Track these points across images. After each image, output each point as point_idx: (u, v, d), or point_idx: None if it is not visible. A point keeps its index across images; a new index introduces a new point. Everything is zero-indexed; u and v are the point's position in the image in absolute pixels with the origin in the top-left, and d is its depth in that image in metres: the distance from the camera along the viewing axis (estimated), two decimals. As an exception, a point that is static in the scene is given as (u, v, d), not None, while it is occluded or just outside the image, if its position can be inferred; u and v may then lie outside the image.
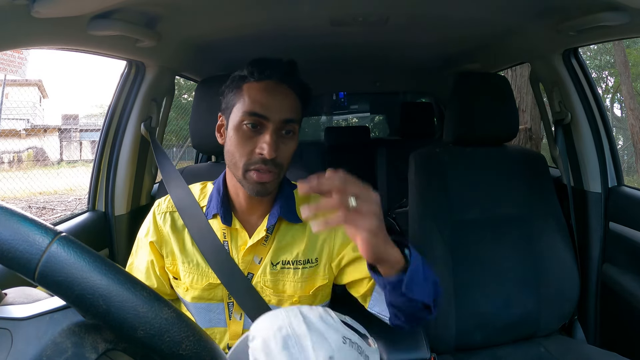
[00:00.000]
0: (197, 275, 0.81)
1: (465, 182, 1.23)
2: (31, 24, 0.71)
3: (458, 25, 1.26)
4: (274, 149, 0.72)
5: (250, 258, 0.81)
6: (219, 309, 0.83)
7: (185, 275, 0.81)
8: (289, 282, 0.82)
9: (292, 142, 0.76)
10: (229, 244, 0.82)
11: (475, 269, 1.17)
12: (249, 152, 0.73)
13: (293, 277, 0.81)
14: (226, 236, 0.82)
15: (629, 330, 1.17)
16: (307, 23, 1.22)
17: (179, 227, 0.83)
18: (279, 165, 0.75)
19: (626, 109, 6.68)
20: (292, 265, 0.81)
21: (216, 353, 0.39)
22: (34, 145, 8.49)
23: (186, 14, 1.02)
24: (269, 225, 0.80)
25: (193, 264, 0.81)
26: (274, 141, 0.72)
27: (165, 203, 0.86)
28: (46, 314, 0.38)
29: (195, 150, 2.03)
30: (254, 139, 0.73)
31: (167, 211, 0.85)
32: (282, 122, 0.74)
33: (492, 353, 1.13)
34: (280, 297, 0.82)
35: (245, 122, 0.73)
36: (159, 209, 0.85)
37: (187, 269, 0.81)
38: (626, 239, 1.21)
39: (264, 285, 0.81)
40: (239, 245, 0.82)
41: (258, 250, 0.81)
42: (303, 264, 0.82)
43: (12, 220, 0.35)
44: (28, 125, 8.98)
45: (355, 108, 3.68)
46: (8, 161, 7.89)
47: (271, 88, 0.75)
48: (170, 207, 0.85)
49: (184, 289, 0.82)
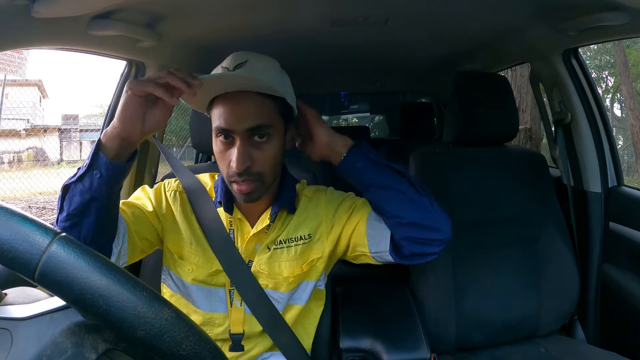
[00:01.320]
0: (203, 259, 0.82)
1: (465, 182, 1.23)
2: (31, 24, 0.71)
3: (458, 25, 1.26)
4: (243, 161, 0.71)
5: (252, 246, 0.83)
6: (221, 294, 0.83)
7: (191, 256, 0.82)
8: (284, 262, 0.83)
9: (269, 147, 0.74)
10: (234, 233, 0.83)
11: (475, 269, 1.17)
12: (227, 166, 0.74)
13: (287, 255, 0.83)
14: (232, 224, 0.83)
15: (628, 330, 1.17)
16: (307, 23, 1.22)
17: (187, 211, 0.83)
18: (256, 174, 0.74)
19: (626, 109, 6.69)
20: (284, 244, 0.83)
21: (216, 353, 0.39)
22: (34, 145, 8.49)
23: (186, 14, 1.02)
24: (272, 213, 0.82)
25: (200, 248, 0.82)
26: (241, 154, 0.71)
27: (175, 183, 0.86)
28: (46, 314, 0.38)
29: (195, 150, 2.03)
30: (229, 151, 0.74)
31: (177, 190, 0.85)
32: (248, 131, 0.72)
33: (492, 353, 1.13)
34: (276, 279, 0.83)
35: (218, 137, 0.74)
36: (169, 187, 0.85)
37: (193, 251, 0.82)
38: (626, 239, 1.21)
39: (260, 269, 0.82)
40: (244, 234, 0.83)
41: (260, 239, 0.83)
42: (296, 240, 0.83)
43: (12, 220, 0.35)
44: (28, 125, 8.99)
45: (355, 108, 3.69)
46: (8, 161, 7.89)
47: (234, 96, 0.72)
48: (180, 187, 0.85)
49: (189, 270, 0.82)
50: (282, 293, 0.84)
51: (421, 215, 0.76)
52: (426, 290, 1.14)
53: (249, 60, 0.74)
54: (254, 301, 0.81)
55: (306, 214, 0.85)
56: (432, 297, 1.14)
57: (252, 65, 0.73)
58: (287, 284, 0.83)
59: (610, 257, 1.27)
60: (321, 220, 0.85)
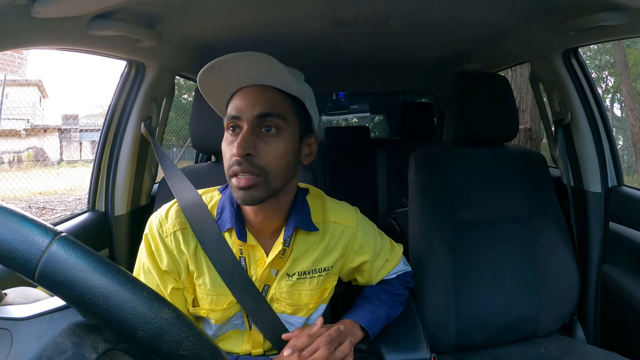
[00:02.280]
0: (215, 296, 0.78)
1: (465, 182, 1.23)
2: (31, 24, 0.71)
3: (458, 25, 1.25)
4: (245, 146, 0.67)
5: (267, 272, 0.80)
6: (237, 316, 0.82)
7: (203, 298, 0.79)
8: (305, 291, 0.82)
9: (276, 142, 0.70)
10: (246, 261, 0.78)
11: (475, 269, 1.17)
12: (229, 157, 0.70)
13: (309, 286, 0.82)
14: (243, 252, 0.78)
15: (628, 330, 1.17)
16: (307, 23, 1.22)
17: (191, 246, 0.77)
18: (258, 166, 0.68)
19: (626, 109, 6.68)
20: (307, 275, 0.81)
21: (216, 353, 0.39)
22: (34, 145, 8.48)
23: (186, 14, 1.02)
24: (285, 237, 0.77)
25: (210, 285, 0.78)
26: (244, 138, 0.67)
27: (170, 221, 0.78)
28: (46, 314, 0.38)
29: (195, 150, 2.03)
30: (234, 143, 0.69)
31: (174, 230, 0.77)
32: (256, 117, 0.69)
33: (492, 353, 1.13)
34: (296, 307, 0.82)
35: (228, 127, 0.72)
36: (164, 231, 0.77)
37: (204, 292, 0.78)
38: (626, 239, 1.21)
39: (280, 297, 0.81)
40: (257, 260, 0.79)
41: (275, 264, 0.79)
42: (319, 272, 0.82)
43: (12, 220, 0.35)
44: (28, 125, 8.98)
45: (355, 108, 3.68)
46: (8, 161, 7.88)
47: (248, 89, 0.71)
48: (177, 225, 0.77)
49: (204, 313, 0.79)
50: (299, 317, 0.84)
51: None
52: (426, 290, 1.14)
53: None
54: (269, 327, 0.80)
55: (334, 244, 0.83)
56: (432, 297, 1.14)
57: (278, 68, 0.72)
58: (307, 310, 0.83)
59: (610, 257, 1.27)
60: (347, 254, 0.86)
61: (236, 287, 0.77)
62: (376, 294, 0.91)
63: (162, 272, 0.77)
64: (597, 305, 1.29)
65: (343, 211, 0.86)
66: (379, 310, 0.88)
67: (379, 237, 0.92)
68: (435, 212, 1.20)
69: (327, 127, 2.90)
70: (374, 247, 0.89)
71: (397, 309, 0.94)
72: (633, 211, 1.21)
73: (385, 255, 0.92)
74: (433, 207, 1.20)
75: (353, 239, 0.85)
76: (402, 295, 0.96)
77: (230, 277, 0.76)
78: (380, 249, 0.91)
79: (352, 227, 0.85)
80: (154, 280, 0.77)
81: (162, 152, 1.13)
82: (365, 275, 0.92)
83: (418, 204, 1.22)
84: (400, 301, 0.95)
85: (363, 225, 0.88)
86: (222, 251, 0.76)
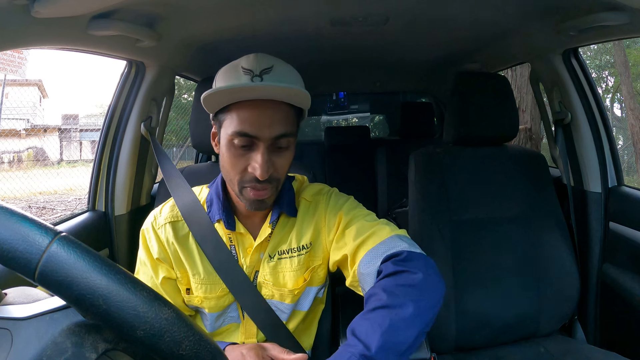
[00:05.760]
0: (209, 285, 0.81)
1: (465, 182, 1.22)
2: (31, 24, 0.71)
3: (458, 25, 1.25)
4: (267, 168, 0.69)
5: (257, 256, 0.82)
6: (232, 308, 0.84)
7: (197, 287, 0.81)
8: (288, 272, 0.82)
9: (287, 153, 0.73)
10: (236, 249, 0.82)
11: (475, 269, 1.17)
12: (242, 170, 0.71)
13: (290, 266, 0.82)
14: (232, 240, 0.82)
15: (628, 330, 1.17)
16: (307, 23, 1.22)
17: (182, 237, 0.81)
18: (275, 180, 0.73)
19: (626, 109, 6.68)
20: (287, 254, 0.82)
21: (216, 353, 0.39)
22: (34, 145, 8.48)
23: (186, 14, 1.02)
24: (272, 221, 0.81)
25: (204, 274, 0.81)
26: (265, 161, 0.69)
27: (163, 215, 0.82)
28: (46, 314, 0.38)
29: (195, 150, 2.03)
30: (246, 156, 0.70)
31: (165, 222, 0.81)
32: (274, 138, 0.70)
33: (492, 353, 1.13)
34: (282, 291, 0.83)
35: (236, 141, 0.70)
36: (157, 223, 0.82)
37: (198, 281, 0.81)
38: (626, 239, 1.21)
39: (265, 280, 0.82)
40: (246, 247, 0.82)
41: (263, 247, 0.82)
42: (298, 250, 0.83)
43: (12, 220, 0.35)
44: (28, 125, 8.98)
45: (355, 108, 3.69)
46: (8, 161, 7.88)
47: (260, 103, 0.69)
48: (169, 218, 0.82)
49: (198, 301, 0.81)
50: (287, 304, 0.84)
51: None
52: (426, 290, 1.14)
53: (274, 66, 0.70)
54: (260, 316, 0.81)
55: (306, 220, 0.83)
56: (432, 297, 1.14)
57: (279, 72, 0.70)
58: (293, 296, 0.83)
59: (610, 257, 1.27)
60: (321, 228, 0.83)
61: (227, 276, 0.80)
62: (373, 295, 0.72)
63: (154, 261, 0.81)
64: (597, 305, 1.29)
65: (317, 189, 0.87)
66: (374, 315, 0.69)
67: (353, 203, 0.84)
68: (435, 212, 1.20)
69: (327, 127, 2.90)
70: (346, 210, 0.81)
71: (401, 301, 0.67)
72: (633, 211, 1.21)
73: (364, 226, 0.78)
74: (433, 207, 1.20)
75: (324, 209, 0.83)
76: (405, 285, 0.70)
77: (222, 266, 0.79)
78: (355, 215, 0.80)
79: (323, 199, 0.84)
80: (148, 271, 0.81)
81: (161, 152, 1.14)
82: (346, 249, 0.78)
83: (418, 204, 1.22)
84: (406, 291, 0.69)
85: (334, 196, 0.85)
86: (213, 241, 0.80)
